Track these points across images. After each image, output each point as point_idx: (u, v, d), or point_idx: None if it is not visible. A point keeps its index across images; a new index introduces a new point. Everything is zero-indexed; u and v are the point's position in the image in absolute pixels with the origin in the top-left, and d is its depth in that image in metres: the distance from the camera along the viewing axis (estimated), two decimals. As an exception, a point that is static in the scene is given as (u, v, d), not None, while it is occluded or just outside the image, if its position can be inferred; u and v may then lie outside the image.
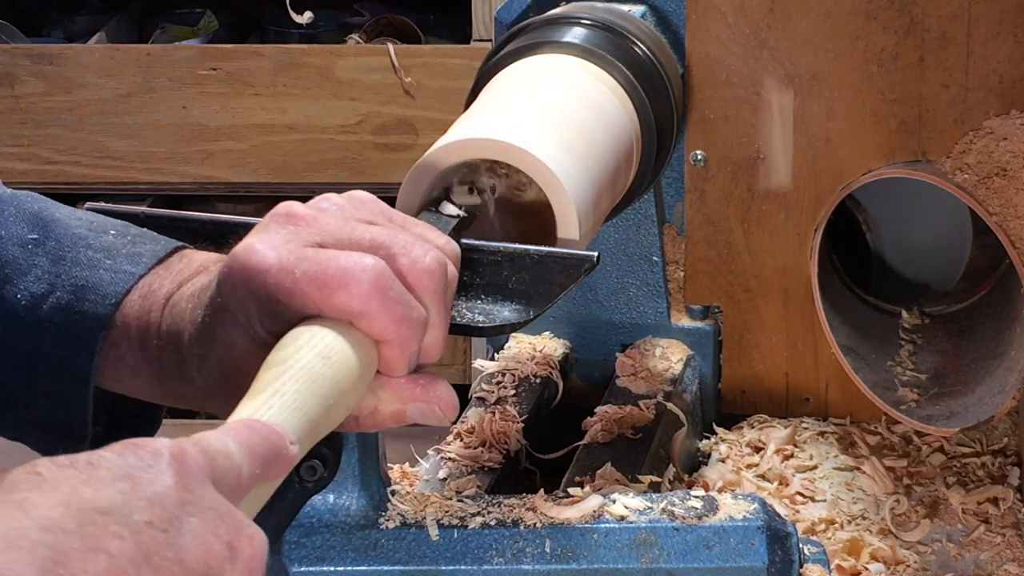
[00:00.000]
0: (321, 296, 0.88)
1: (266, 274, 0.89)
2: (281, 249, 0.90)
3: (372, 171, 2.54)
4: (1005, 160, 1.37)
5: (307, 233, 0.91)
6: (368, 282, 0.88)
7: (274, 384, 0.84)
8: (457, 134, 1.14)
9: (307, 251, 0.90)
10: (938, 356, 1.47)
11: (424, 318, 0.91)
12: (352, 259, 0.89)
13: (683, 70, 1.43)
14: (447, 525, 1.09)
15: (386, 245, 0.91)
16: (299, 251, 0.90)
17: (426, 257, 0.92)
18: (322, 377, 0.86)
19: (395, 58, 2.52)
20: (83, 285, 0.99)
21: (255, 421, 0.80)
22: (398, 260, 0.91)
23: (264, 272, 0.89)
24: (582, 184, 1.15)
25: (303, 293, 0.88)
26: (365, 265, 0.89)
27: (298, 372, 0.85)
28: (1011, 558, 1.34)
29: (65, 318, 0.98)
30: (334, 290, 0.88)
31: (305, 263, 0.89)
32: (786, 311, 1.49)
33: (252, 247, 0.90)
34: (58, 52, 2.56)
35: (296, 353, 0.86)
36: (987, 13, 1.37)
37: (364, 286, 0.88)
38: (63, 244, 1.01)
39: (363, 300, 0.88)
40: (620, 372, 1.46)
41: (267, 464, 0.77)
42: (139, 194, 2.60)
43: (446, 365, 2.63)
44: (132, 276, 0.99)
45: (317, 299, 0.88)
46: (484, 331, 1.02)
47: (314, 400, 0.84)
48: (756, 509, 1.10)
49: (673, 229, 1.51)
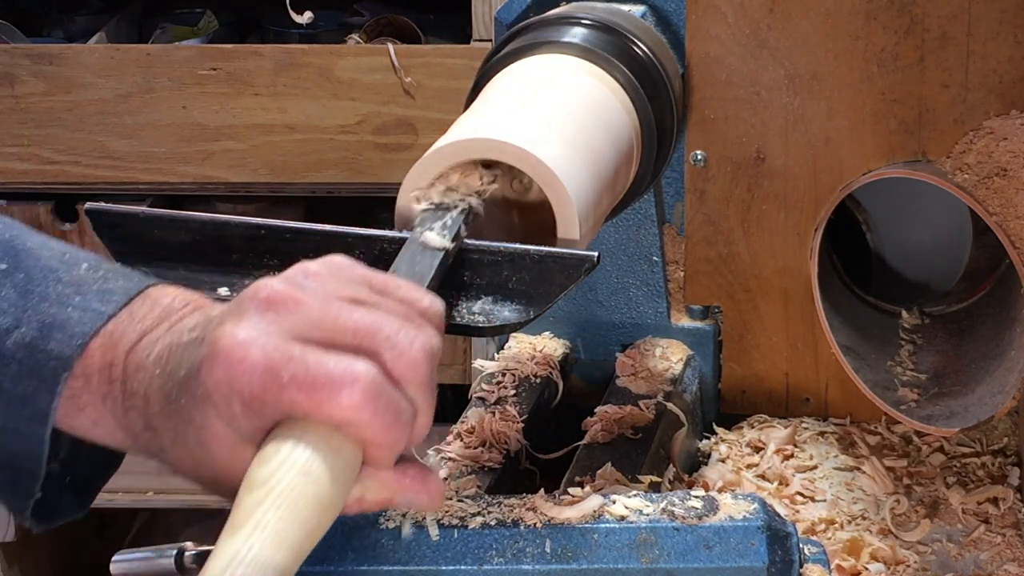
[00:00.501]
0: (310, 403, 0.86)
1: (251, 373, 0.86)
2: (266, 345, 0.87)
3: (372, 171, 2.54)
4: (1005, 160, 1.37)
5: (290, 323, 0.88)
6: (359, 392, 0.86)
7: (255, 514, 0.82)
8: (457, 134, 1.14)
9: (294, 349, 0.87)
10: (938, 356, 1.47)
11: (413, 414, 0.90)
12: (342, 366, 0.87)
13: (683, 70, 1.43)
14: (447, 525, 1.09)
15: (371, 335, 0.88)
16: (285, 348, 0.87)
17: (412, 348, 0.89)
18: (304, 497, 0.84)
19: (395, 58, 2.52)
20: (50, 323, 0.95)
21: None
22: (384, 355, 0.88)
23: (250, 371, 0.86)
24: (582, 184, 1.15)
25: (291, 399, 0.86)
26: (356, 374, 0.86)
27: (279, 496, 0.83)
28: (1011, 558, 1.34)
29: (28, 355, 0.95)
30: (323, 399, 0.86)
31: (293, 366, 0.86)
32: (786, 311, 1.49)
33: (235, 341, 0.87)
34: (58, 52, 2.56)
35: (277, 471, 0.84)
36: (987, 13, 1.37)
37: (355, 396, 0.86)
38: (32, 277, 0.97)
39: (353, 410, 0.87)
40: (620, 372, 1.46)
41: None
42: (139, 194, 2.60)
43: (446, 365, 2.62)
44: (101, 315, 0.95)
45: (305, 406, 0.86)
46: (484, 331, 1.02)
47: (297, 525, 0.83)
48: (756, 509, 1.10)
49: (673, 229, 1.51)
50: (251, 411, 0.87)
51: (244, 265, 1.07)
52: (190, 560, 1.04)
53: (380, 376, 0.87)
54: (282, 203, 2.66)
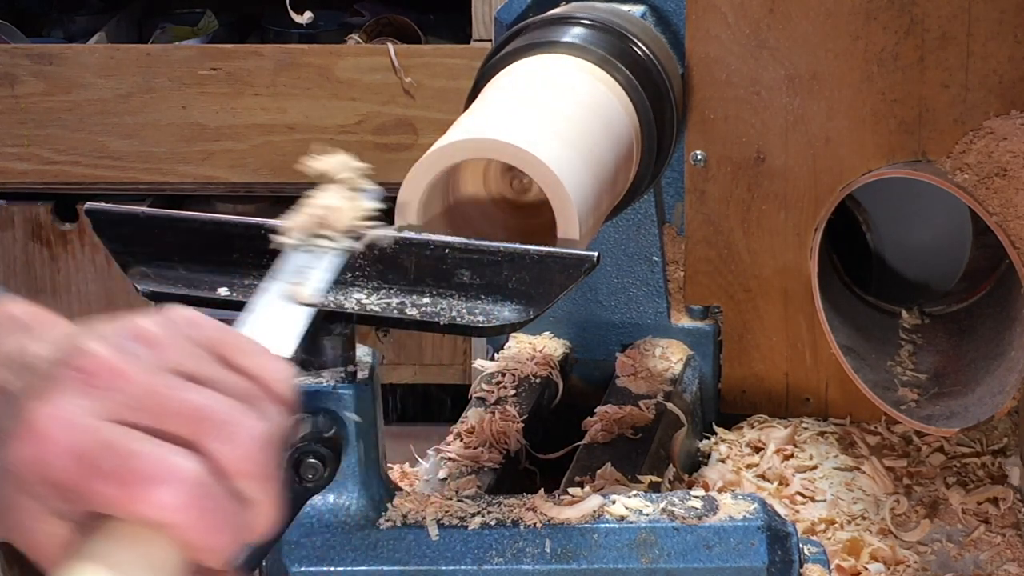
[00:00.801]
0: (122, 500, 0.76)
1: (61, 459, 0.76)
2: (78, 427, 0.76)
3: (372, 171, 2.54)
4: (1005, 160, 1.37)
5: (110, 401, 0.77)
6: (177, 490, 0.76)
7: None
8: (457, 134, 1.14)
9: (108, 434, 0.76)
10: (938, 356, 1.47)
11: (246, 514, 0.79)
12: (161, 459, 0.76)
13: (683, 70, 1.43)
14: (447, 525, 1.09)
15: (200, 420, 0.78)
16: (99, 433, 0.76)
17: (246, 437, 0.78)
18: None
19: (395, 58, 2.52)
20: None
21: None
22: (213, 445, 0.77)
23: (59, 456, 0.76)
24: (582, 184, 1.15)
25: (102, 493, 0.76)
26: (175, 469, 0.76)
27: None
28: (1011, 558, 1.34)
29: None
30: (136, 496, 0.75)
31: (106, 456, 0.76)
32: (786, 311, 1.49)
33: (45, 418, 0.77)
34: (58, 52, 2.56)
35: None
36: (987, 13, 1.37)
37: (172, 495, 0.76)
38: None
39: (171, 511, 0.76)
40: (620, 372, 1.46)
41: None
42: (139, 194, 2.60)
43: (446, 365, 2.63)
44: None
45: (116, 502, 0.76)
46: (484, 331, 1.02)
47: None
48: (756, 509, 1.10)
49: (673, 229, 1.51)
50: (64, 499, 0.77)
51: (244, 265, 1.07)
52: None
53: (205, 472, 0.77)
54: (282, 203, 2.66)
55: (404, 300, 1.05)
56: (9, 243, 2.66)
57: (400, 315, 1.05)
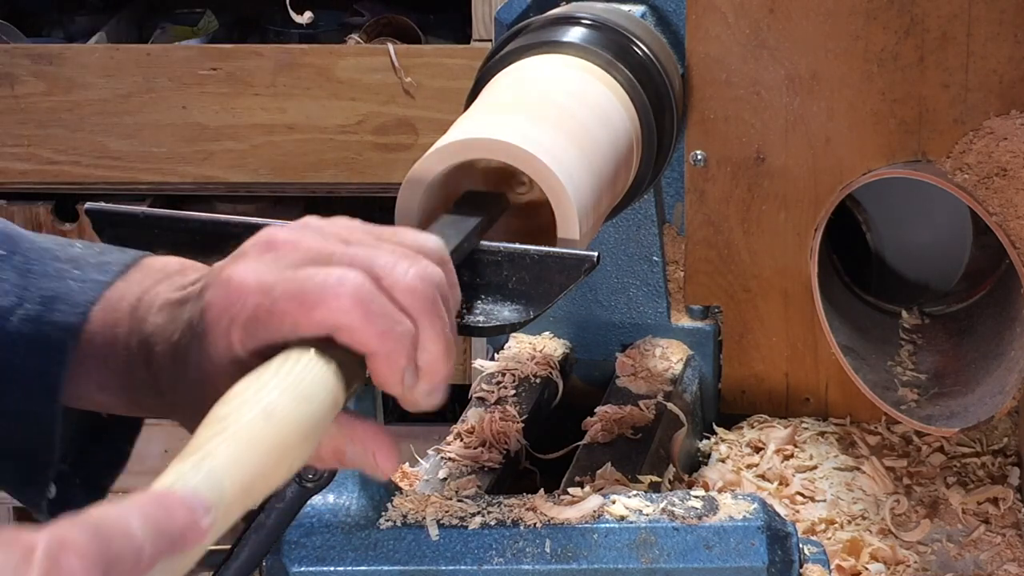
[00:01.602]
0: (300, 312, 0.87)
1: (247, 296, 0.87)
2: (261, 271, 0.88)
3: (372, 171, 2.54)
4: (1005, 160, 1.37)
5: (287, 258, 0.89)
6: (347, 295, 0.86)
7: (207, 446, 0.80)
8: (457, 134, 1.14)
9: (286, 271, 0.88)
10: (938, 356, 1.47)
11: (411, 332, 0.88)
12: (330, 273, 0.87)
13: (683, 70, 1.43)
14: (447, 525, 1.09)
15: (366, 264, 0.89)
16: (278, 272, 0.88)
17: (407, 274, 0.89)
18: (261, 438, 0.81)
19: (395, 58, 2.52)
20: (52, 296, 0.97)
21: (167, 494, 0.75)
22: (381, 281, 0.88)
23: (245, 295, 0.87)
24: (582, 184, 1.15)
25: (282, 312, 0.87)
26: (343, 278, 0.87)
27: (235, 433, 0.81)
28: (1011, 558, 1.34)
29: (34, 329, 0.97)
30: (313, 305, 0.86)
31: (284, 283, 0.87)
32: (786, 311, 1.49)
33: (233, 274, 0.89)
34: (58, 52, 2.56)
35: (238, 410, 0.82)
36: (987, 13, 1.38)
37: (343, 299, 0.86)
38: (30, 257, 1.00)
39: (343, 313, 0.86)
40: (620, 372, 1.46)
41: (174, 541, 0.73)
42: (139, 194, 2.60)
43: (446, 365, 2.62)
44: (101, 284, 0.97)
45: (296, 316, 0.87)
46: (484, 331, 1.02)
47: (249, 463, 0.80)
48: (756, 509, 1.10)
49: (673, 229, 1.51)
50: (248, 334, 0.88)
51: (244, 265, 1.06)
52: None
53: (371, 285, 0.87)
54: (282, 203, 2.66)
55: (404, 300, 1.05)
56: (9, 243, 2.66)
57: (400, 315, 1.04)
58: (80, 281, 0.98)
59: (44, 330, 0.97)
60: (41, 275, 0.99)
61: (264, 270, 0.88)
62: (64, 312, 0.97)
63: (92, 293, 0.97)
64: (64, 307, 0.97)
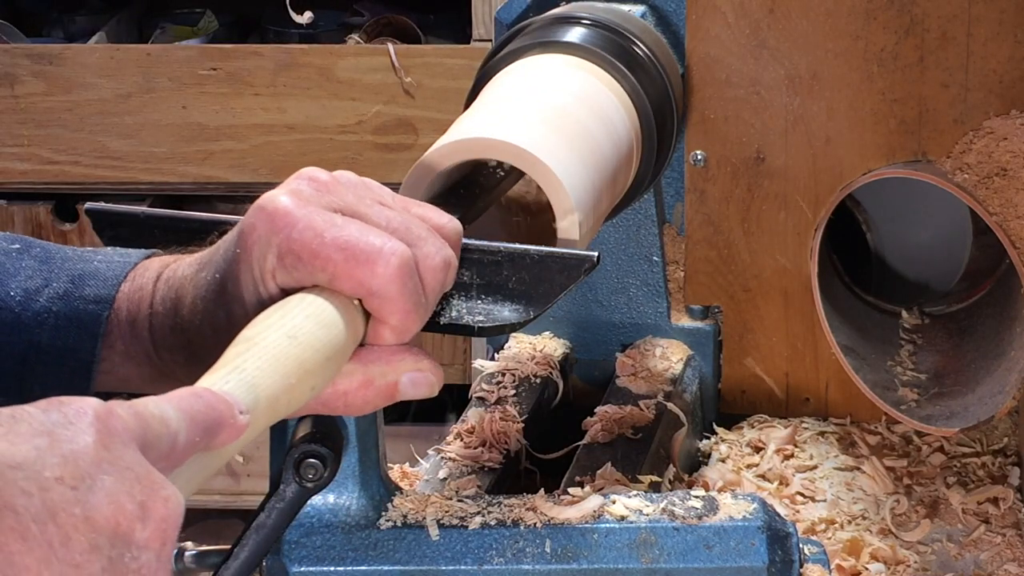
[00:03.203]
0: (345, 266, 0.89)
1: (292, 227, 0.90)
2: (310, 207, 0.90)
3: (372, 171, 2.53)
4: (1005, 160, 1.37)
5: (329, 200, 0.92)
6: (395, 266, 0.90)
7: (235, 360, 0.84)
8: (457, 134, 1.14)
9: (336, 218, 0.90)
10: (938, 356, 1.47)
11: (427, 312, 0.93)
12: (384, 239, 0.90)
13: (683, 70, 1.43)
14: (447, 525, 1.09)
15: (401, 232, 0.92)
16: (327, 215, 0.90)
17: (437, 256, 0.93)
18: (286, 356, 0.86)
19: (395, 58, 2.52)
20: (80, 274, 0.99)
21: (203, 389, 0.79)
22: (417, 259, 0.92)
23: (291, 225, 0.90)
24: (582, 184, 1.15)
25: (327, 258, 0.89)
26: (395, 249, 0.90)
27: (261, 350, 0.85)
28: (1011, 558, 1.34)
29: (65, 305, 0.98)
30: (360, 264, 0.89)
31: (335, 229, 0.90)
32: (786, 311, 1.49)
33: (279, 200, 0.91)
34: (58, 52, 2.56)
35: (264, 332, 0.86)
36: (987, 13, 1.38)
37: (391, 268, 0.90)
38: (48, 249, 1.02)
39: (385, 281, 0.90)
40: (620, 372, 1.46)
41: (209, 431, 0.77)
42: (139, 194, 2.60)
43: (446, 365, 2.62)
44: (127, 264, 1.00)
45: (339, 267, 0.89)
46: (484, 331, 1.02)
47: (275, 378, 0.85)
48: (756, 509, 1.10)
49: (673, 229, 1.51)
50: (284, 265, 0.90)
51: (244, 265, 1.07)
52: (190, 560, 1.04)
53: (413, 261, 0.91)
54: (282, 203, 2.65)
55: (404, 300, 1.05)
56: (9, 243, 2.66)
57: (400, 315, 1.05)
58: (106, 262, 1.00)
59: (76, 305, 0.98)
60: (64, 259, 1.01)
61: (307, 204, 0.90)
62: (95, 286, 0.99)
63: (119, 270, 0.99)
64: (95, 282, 0.99)
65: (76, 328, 0.98)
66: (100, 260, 1.00)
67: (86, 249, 1.03)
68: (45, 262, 1.01)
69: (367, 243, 0.90)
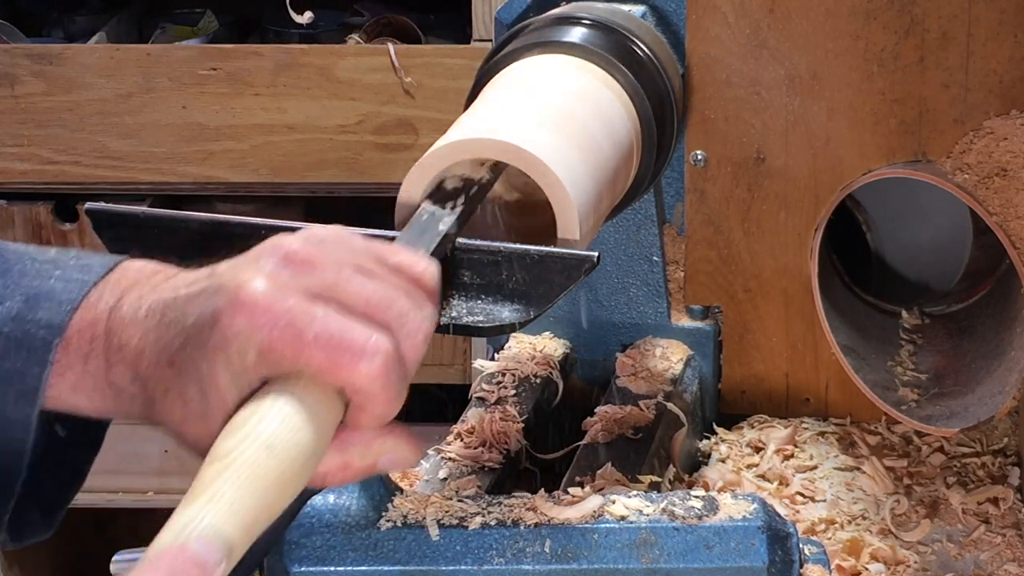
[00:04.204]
0: (329, 364, 0.87)
1: (274, 325, 0.86)
2: (291, 300, 0.87)
3: (372, 171, 2.54)
4: (1005, 160, 1.37)
5: (308, 282, 0.88)
6: (379, 364, 0.87)
7: (213, 486, 0.82)
8: (457, 134, 1.14)
9: (317, 310, 0.87)
10: (938, 356, 1.47)
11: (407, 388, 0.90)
12: (367, 333, 0.87)
13: (683, 70, 1.43)
14: (447, 525, 1.09)
15: (382, 310, 0.89)
16: (309, 307, 0.87)
17: (419, 333, 0.90)
18: (264, 473, 0.84)
19: (395, 58, 2.52)
20: (35, 294, 0.95)
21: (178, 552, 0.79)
22: (395, 332, 0.89)
23: (272, 323, 0.86)
24: (583, 184, 1.15)
25: (310, 356, 0.86)
26: (378, 346, 0.87)
27: (238, 470, 0.83)
28: (1011, 558, 1.34)
29: (17, 327, 0.94)
30: (344, 363, 0.86)
31: (316, 325, 0.87)
32: (786, 311, 1.49)
33: (259, 291, 0.87)
34: (58, 52, 2.56)
35: (240, 445, 0.84)
36: (987, 13, 1.38)
37: (374, 367, 0.87)
38: (7, 259, 0.98)
39: (369, 380, 0.87)
40: (620, 372, 1.46)
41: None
42: (139, 194, 2.60)
43: (446, 365, 2.62)
44: (85, 284, 0.95)
45: (322, 365, 0.87)
46: (484, 331, 1.02)
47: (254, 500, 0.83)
48: (756, 509, 1.10)
49: (673, 229, 1.51)
50: (264, 363, 0.87)
51: (244, 265, 1.06)
52: None
53: (396, 353, 0.88)
54: (282, 203, 2.66)
55: (404, 300, 1.05)
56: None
57: (400, 315, 1.04)
58: (63, 280, 0.96)
59: (27, 328, 0.94)
60: (21, 274, 0.96)
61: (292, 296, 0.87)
62: (48, 309, 0.95)
63: (77, 292, 0.95)
64: (48, 304, 0.95)
65: (25, 352, 0.94)
66: (58, 277, 0.96)
67: (48, 257, 0.98)
68: (3, 275, 0.96)
69: (350, 340, 0.87)
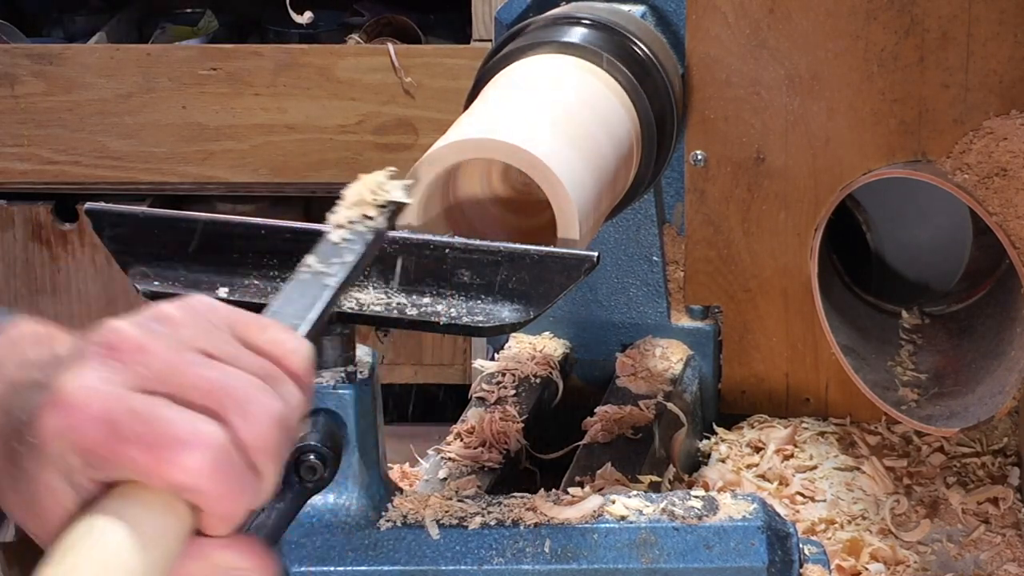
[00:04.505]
0: (150, 464, 0.78)
1: (88, 425, 0.79)
2: (107, 395, 0.79)
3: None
4: (1005, 160, 1.37)
5: (133, 373, 0.80)
6: (202, 456, 0.78)
7: None
8: (457, 134, 1.14)
9: (136, 402, 0.79)
10: (938, 356, 1.47)
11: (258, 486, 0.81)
12: (191, 423, 0.79)
13: (683, 70, 1.43)
14: (447, 525, 1.09)
15: (221, 396, 0.80)
16: (127, 400, 0.79)
17: (263, 416, 0.81)
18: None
19: (395, 58, 2.52)
20: None
21: None
22: (234, 420, 0.80)
23: (87, 422, 0.79)
24: (582, 184, 1.15)
25: (129, 457, 0.78)
26: (201, 437, 0.78)
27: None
28: (1011, 558, 1.34)
29: None
30: (163, 459, 0.78)
31: (133, 420, 0.78)
32: (786, 311, 1.49)
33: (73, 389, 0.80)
34: (58, 52, 2.56)
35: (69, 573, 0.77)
36: (987, 13, 1.38)
37: (197, 460, 0.78)
38: None
39: (196, 477, 0.78)
40: (620, 372, 1.46)
41: None
42: (139, 194, 2.60)
43: (446, 365, 2.62)
44: None
45: (144, 466, 0.78)
46: (484, 331, 1.02)
47: None
48: (756, 509, 1.10)
49: (673, 229, 1.51)
50: (89, 466, 0.80)
51: (244, 265, 1.07)
52: None
53: (227, 442, 0.79)
54: (282, 203, 2.66)
55: (404, 300, 1.05)
56: (9, 243, 2.66)
57: (400, 315, 1.05)
58: None
59: None
60: None
61: (106, 390, 0.79)
62: None
63: None
64: None
65: None
66: None
67: None
68: None
69: (170, 435, 0.78)
